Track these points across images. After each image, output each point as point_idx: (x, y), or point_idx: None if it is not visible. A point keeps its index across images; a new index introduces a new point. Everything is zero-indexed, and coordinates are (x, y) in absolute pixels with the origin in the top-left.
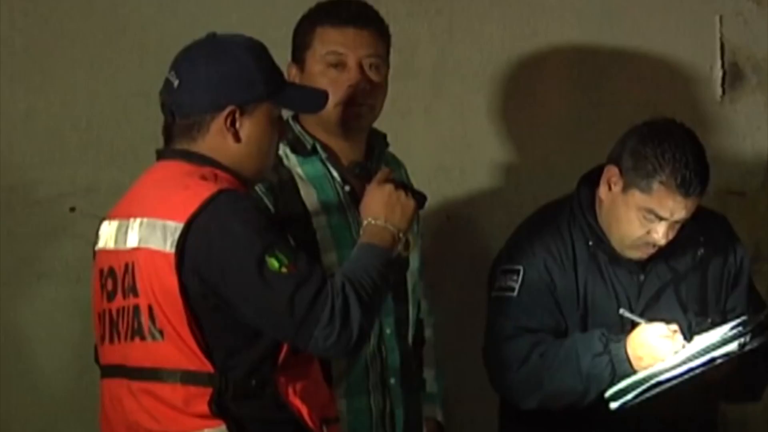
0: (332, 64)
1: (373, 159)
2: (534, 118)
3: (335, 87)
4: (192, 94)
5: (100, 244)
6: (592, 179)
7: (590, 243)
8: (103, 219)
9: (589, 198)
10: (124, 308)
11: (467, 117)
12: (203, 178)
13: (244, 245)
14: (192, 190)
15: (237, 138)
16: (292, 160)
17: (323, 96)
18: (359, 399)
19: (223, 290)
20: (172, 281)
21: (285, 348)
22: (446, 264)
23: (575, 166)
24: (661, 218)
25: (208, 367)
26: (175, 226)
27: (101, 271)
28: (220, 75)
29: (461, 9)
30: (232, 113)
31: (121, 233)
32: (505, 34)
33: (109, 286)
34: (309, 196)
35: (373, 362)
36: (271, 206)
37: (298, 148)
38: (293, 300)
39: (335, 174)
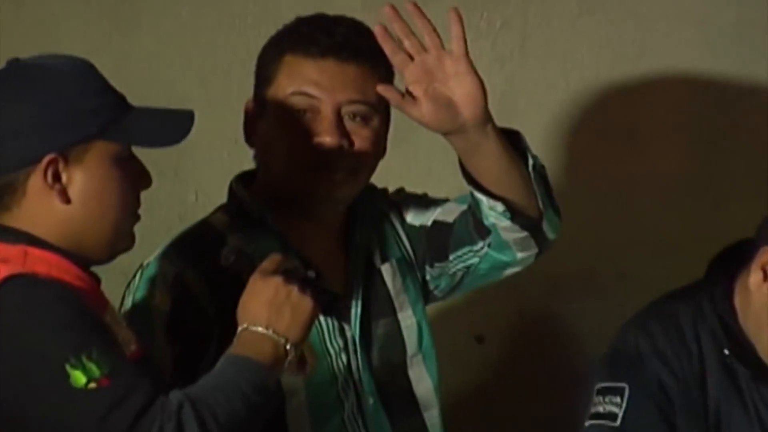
0: (300, 109)
1: (355, 234)
2: (634, 166)
3: (299, 143)
4: None
5: None
6: (727, 262)
7: (726, 351)
8: None
9: (725, 288)
10: None
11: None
12: (3, 261)
13: (37, 352)
14: None
15: (65, 197)
16: (234, 240)
17: (184, 118)
18: None
19: (12, 410)
20: None
21: None
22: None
23: (693, 233)
24: None
25: None
26: None
27: None
28: (29, 114)
29: (538, 20)
30: (53, 163)
31: None
32: (600, 55)
33: None
34: None
35: None
36: (209, 304)
37: (241, 219)
38: (105, 424)
39: (293, 254)
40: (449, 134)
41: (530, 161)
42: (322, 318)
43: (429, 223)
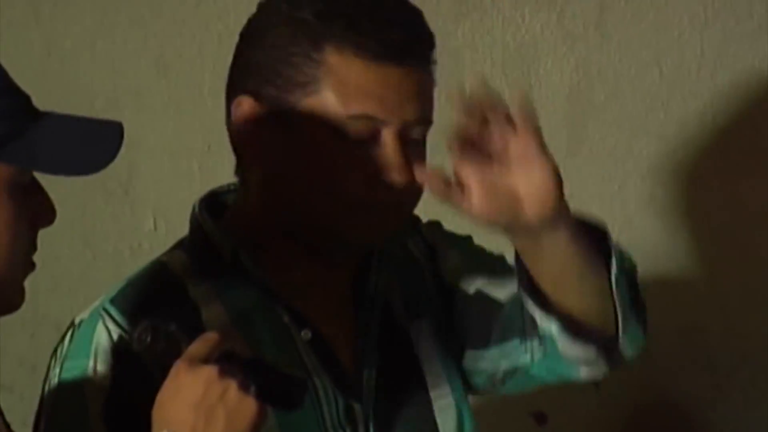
0: (359, 136)
1: (370, 277)
2: (761, 193)
3: (358, 179)
4: None
5: None
6: None
7: None
8: None
9: None
10: None
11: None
12: None
13: None
14: None
15: None
16: (199, 290)
17: (110, 134)
18: None
19: None
20: None
21: None
22: None
23: None
24: None
25: None
26: None
27: None
28: None
29: None
30: None
31: None
32: (706, 30)
33: None
34: None
35: None
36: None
37: (207, 260)
38: None
39: (280, 308)
40: (504, 231)
41: (613, 268)
42: (321, 391)
43: (471, 291)
